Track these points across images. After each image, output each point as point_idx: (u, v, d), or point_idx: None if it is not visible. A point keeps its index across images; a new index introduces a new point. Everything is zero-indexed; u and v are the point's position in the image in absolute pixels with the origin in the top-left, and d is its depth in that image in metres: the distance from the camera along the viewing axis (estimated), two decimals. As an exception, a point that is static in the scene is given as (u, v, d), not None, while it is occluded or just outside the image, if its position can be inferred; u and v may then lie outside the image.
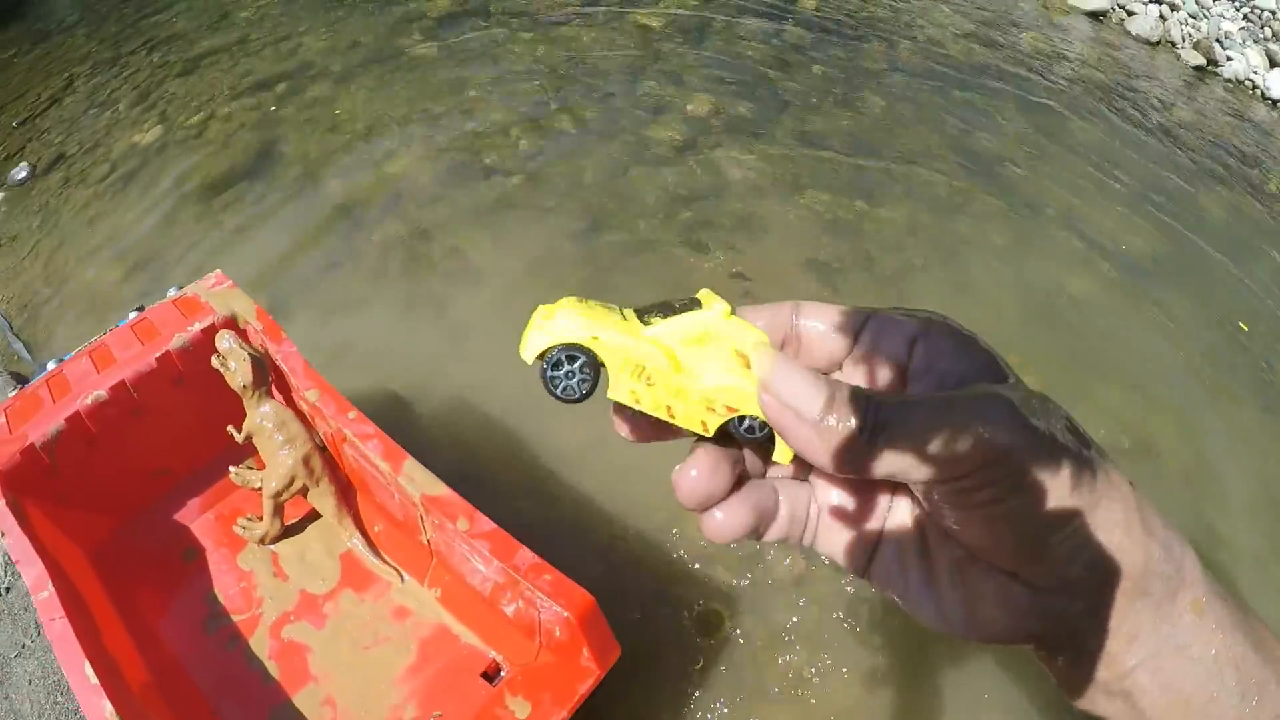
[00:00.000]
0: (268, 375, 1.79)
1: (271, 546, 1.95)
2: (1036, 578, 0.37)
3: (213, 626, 1.79)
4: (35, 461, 1.68)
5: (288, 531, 1.97)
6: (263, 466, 1.91)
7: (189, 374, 1.83)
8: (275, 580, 1.89)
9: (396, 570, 1.86)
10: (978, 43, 5.03)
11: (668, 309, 0.43)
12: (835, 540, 0.45)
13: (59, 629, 1.41)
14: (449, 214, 3.77)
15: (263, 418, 1.78)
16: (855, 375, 0.43)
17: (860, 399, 0.37)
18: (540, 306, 0.44)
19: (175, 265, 3.59)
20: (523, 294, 3.22)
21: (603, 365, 0.42)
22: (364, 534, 1.91)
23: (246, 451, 1.96)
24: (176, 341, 1.79)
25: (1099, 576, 0.35)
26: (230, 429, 1.85)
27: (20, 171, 4.33)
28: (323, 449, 1.90)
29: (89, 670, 1.34)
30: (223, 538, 1.97)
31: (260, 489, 1.86)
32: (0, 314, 3.61)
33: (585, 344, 0.41)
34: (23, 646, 2.45)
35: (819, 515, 0.44)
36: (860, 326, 0.43)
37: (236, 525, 1.94)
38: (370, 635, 1.77)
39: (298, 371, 1.85)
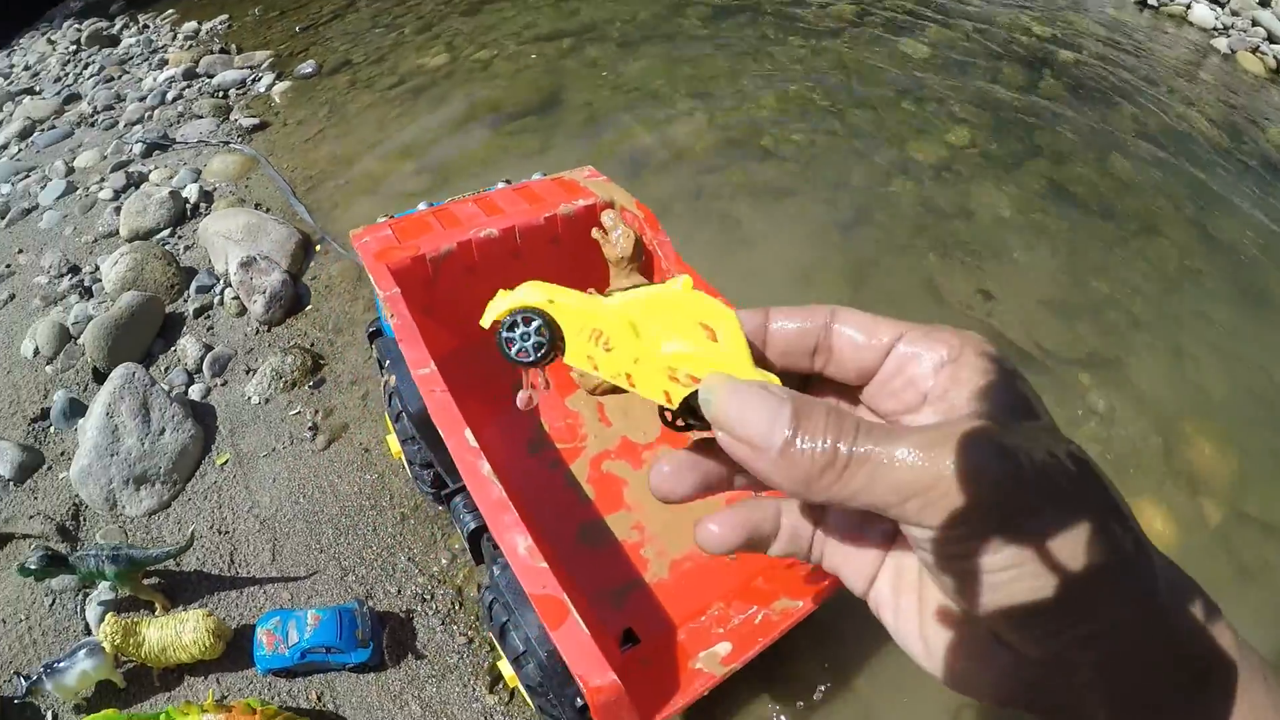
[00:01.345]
0: (642, 254, 1.95)
1: (599, 398, 2.02)
2: (1024, 648, 0.33)
3: (536, 449, 1.91)
4: (420, 270, 1.87)
5: (617, 389, 2.00)
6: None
7: (566, 238, 2.00)
8: (599, 424, 2.02)
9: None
10: (1225, 129, 5.00)
11: (631, 288, 0.44)
12: (838, 559, 0.43)
13: (439, 400, 1.51)
14: (724, 183, 3.78)
15: (629, 289, 1.87)
16: (878, 395, 0.41)
17: (829, 429, 0.33)
18: (501, 290, 0.45)
19: (463, 173, 3.63)
20: (787, 265, 3.28)
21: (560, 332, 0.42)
22: None
23: None
24: (563, 209, 1.95)
25: (1106, 660, 0.31)
26: (591, 291, 1.93)
27: (306, 67, 4.45)
28: None
29: (469, 434, 1.43)
30: (551, 380, 2.04)
31: None
32: (285, 180, 3.66)
33: (541, 306, 0.43)
34: (272, 450, 2.61)
35: (821, 533, 0.43)
36: (895, 341, 0.39)
37: (573, 371, 1.97)
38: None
39: (669, 257, 1.97)
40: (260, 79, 4.49)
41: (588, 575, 1.92)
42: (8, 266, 3.47)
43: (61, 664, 2.10)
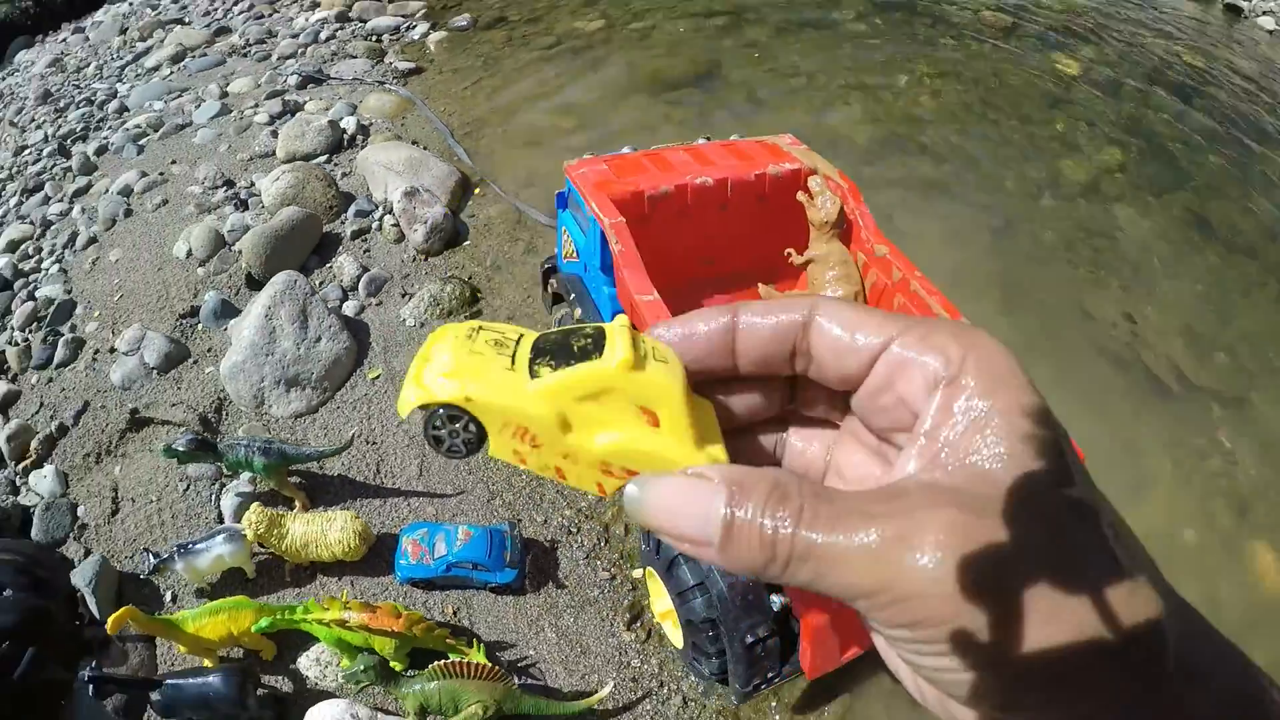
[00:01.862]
0: (844, 222, 1.98)
1: None
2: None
3: None
4: (638, 206, 1.90)
5: None
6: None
7: (771, 197, 2.05)
8: None
9: None
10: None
11: (564, 353, 0.37)
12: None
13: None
14: (881, 175, 3.68)
15: (828, 252, 1.98)
16: (867, 407, 0.34)
17: (768, 512, 0.28)
18: (433, 334, 0.40)
19: (625, 135, 3.54)
20: (937, 263, 3.14)
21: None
22: None
23: (778, 274, 2.15)
24: (771, 169, 2.01)
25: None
26: (789, 252, 2.05)
27: (460, 20, 4.46)
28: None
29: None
30: None
31: None
32: (442, 123, 3.62)
33: (459, 404, 0.36)
34: None
35: None
36: (886, 344, 0.32)
37: None
38: None
39: (869, 228, 1.98)
40: (414, 27, 4.51)
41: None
42: (161, 174, 3.47)
43: (198, 545, 2.00)
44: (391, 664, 1.85)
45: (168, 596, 2.12)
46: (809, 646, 1.40)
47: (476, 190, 3.17)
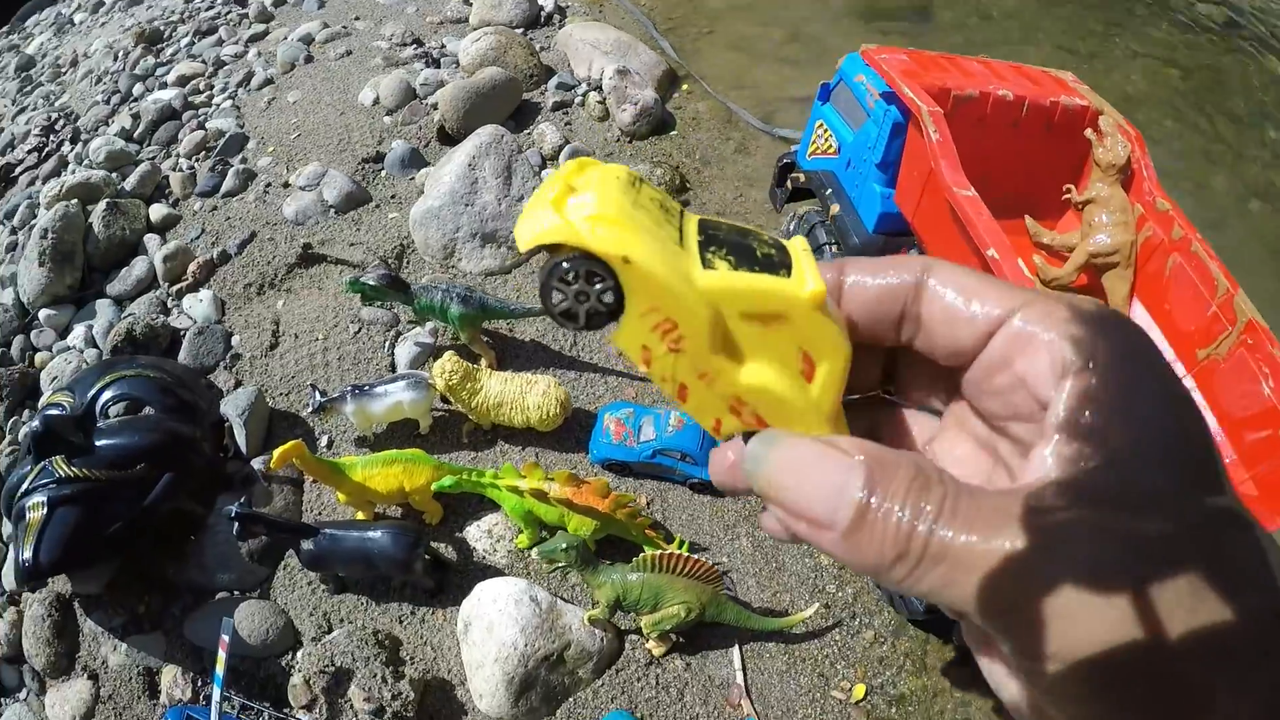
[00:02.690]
0: (1129, 168, 1.89)
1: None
2: None
3: None
4: (942, 104, 1.77)
5: (1069, 289, 1.94)
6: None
7: (1058, 128, 1.95)
8: None
9: None
10: None
11: (745, 253, 0.29)
12: None
13: (987, 224, 1.52)
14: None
15: (1109, 196, 1.88)
16: (979, 388, 0.29)
17: (908, 503, 0.23)
18: (578, 161, 0.29)
19: (831, 51, 3.21)
20: None
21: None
22: None
23: (1042, 209, 2.02)
24: (1065, 100, 1.92)
25: None
26: (1069, 188, 1.96)
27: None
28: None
29: (1022, 264, 1.43)
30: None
31: (1047, 244, 1.95)
32: (645, 15, 3.34)
33: (613, 262, 0.26)
34: None
35: None
36: (1006, 316, 0.27)
37: (1035, 258, 1.95)
38: None
39: (1152, 180, 1.89)
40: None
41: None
42: (344, 28, 3.26)
43: (377, 389, 1.73)
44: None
45: (323, 441, 1.85)
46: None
47: (685, 87, 2.87)
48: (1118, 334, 0.26)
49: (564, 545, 1.45)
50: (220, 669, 1.40)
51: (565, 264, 0.27)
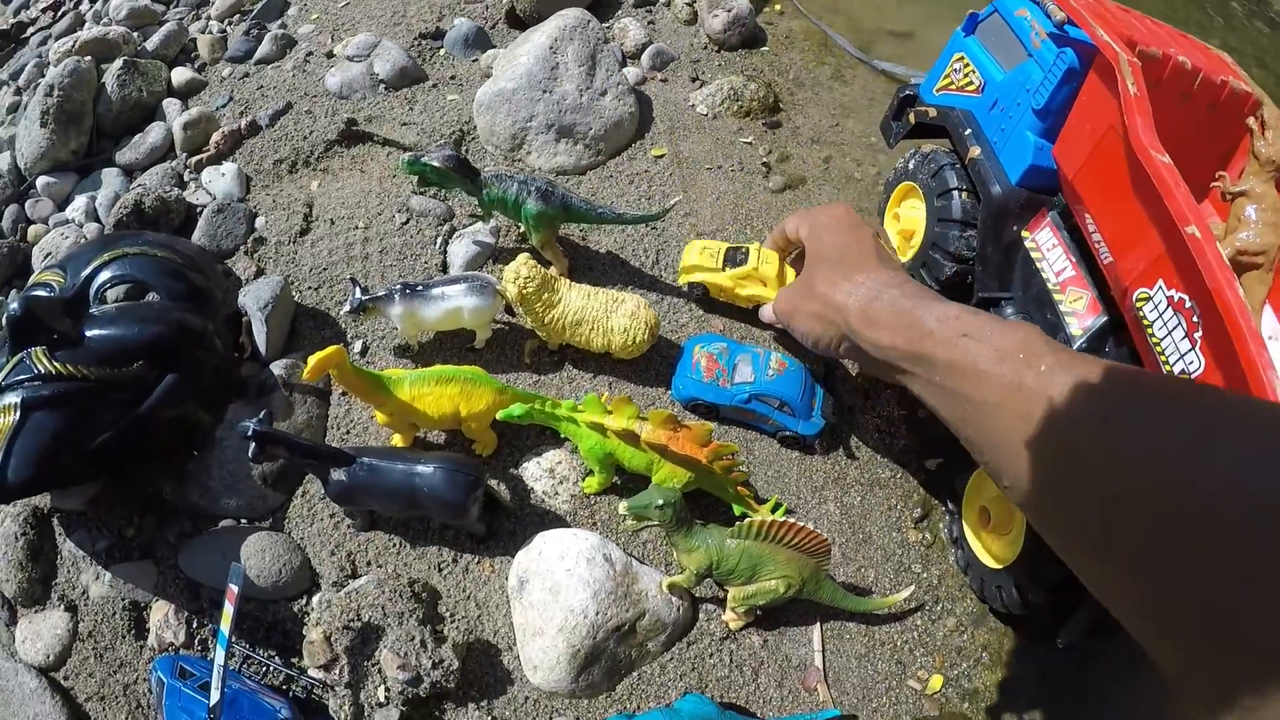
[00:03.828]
0: None
1: None
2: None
3: None
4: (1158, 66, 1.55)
5: None
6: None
7: (1222, 109, 1.69)
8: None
9: None
10: None
11: (736, 257, 1.57)
12: None
13: (1186, 196, 1.24)
14: None
15: (1263, 193, 1.63)
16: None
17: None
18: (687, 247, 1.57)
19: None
20: None
21: None
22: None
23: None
24: (1234, 83, 1.68)
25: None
26: (1222, 175, 1.70)
27: None
28: None
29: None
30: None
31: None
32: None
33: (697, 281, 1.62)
34: (718, 166, 2.01)
35: None
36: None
37: None
38: None
39: None
40: None
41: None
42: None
43: (433, 290, 1.42)
44: None
45: (357, 346, 1.56)
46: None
47: (776, 6, 2.52)
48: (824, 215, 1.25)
49: (660, 501, 1.16)
50: (226, 625, 1.12)
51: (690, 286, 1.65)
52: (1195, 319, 1.31)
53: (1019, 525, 1.38)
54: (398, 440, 1.41)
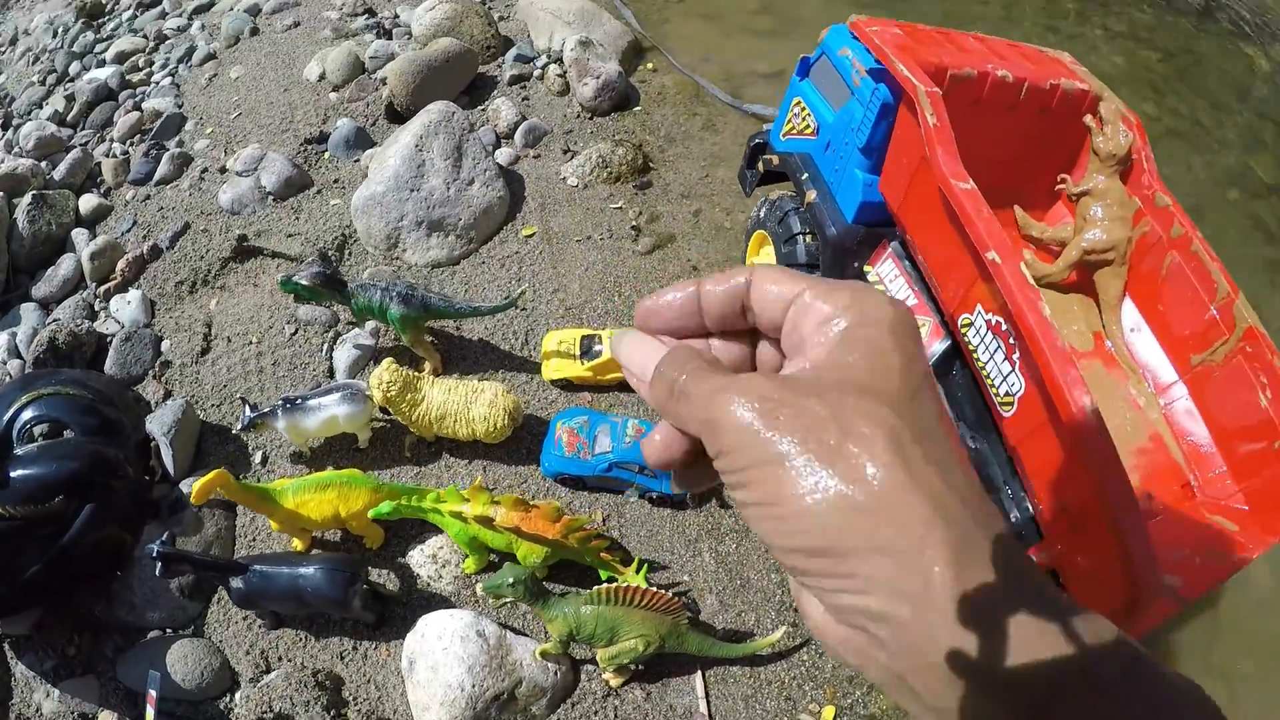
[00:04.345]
0: (1130, 159, 1.78)
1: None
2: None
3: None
4: (937, 83, 1.62)
5: (1058, 287, 1.87)
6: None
7: (1055, 113, 1.83)
8: None
9: (1135, 371, 1.81)
10: None
11: (589, 346, 1.75)
12: None
13: (986, 219, 1.39)
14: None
15: (1107, 188, 1.78)
16: (786, 344, 0.41)
17: (676, 366, 0.39)
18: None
19: (807, 20, 3.05)
20: None
21: None
22: (1120, 327, 1.85)
23: (1032, 199, 1.92)
24: (1066, 84, 1.80)
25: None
26: (1064, 179, 1.85)
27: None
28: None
29: (1024, 266, 1.31)
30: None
31: (1036, 236, 1.84)
32: (614, -15, 3.13)
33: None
34: (588, 237, 2.14)
35: None
36: (798, 294, 0.39)
37: (1025, 252, 1.87)
38: (1109, 405, 1.69)
39: (1153, 172, 1.78)
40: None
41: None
42: (294, -2, 3.05)
43: (309, 402, 1.56)
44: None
45: (257, 458, 1.70)
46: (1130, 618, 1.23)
47: (649, 65, 2.67)
48: (870, 310, 0.37)
49: (510, 580, 1.30)
50: (149, 728, 1.26)
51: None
52: (1011, 341, 1.45)
53: None
54: (296, 544, 1.55)
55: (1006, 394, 1.35)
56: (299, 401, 1.57)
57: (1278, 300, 2.83)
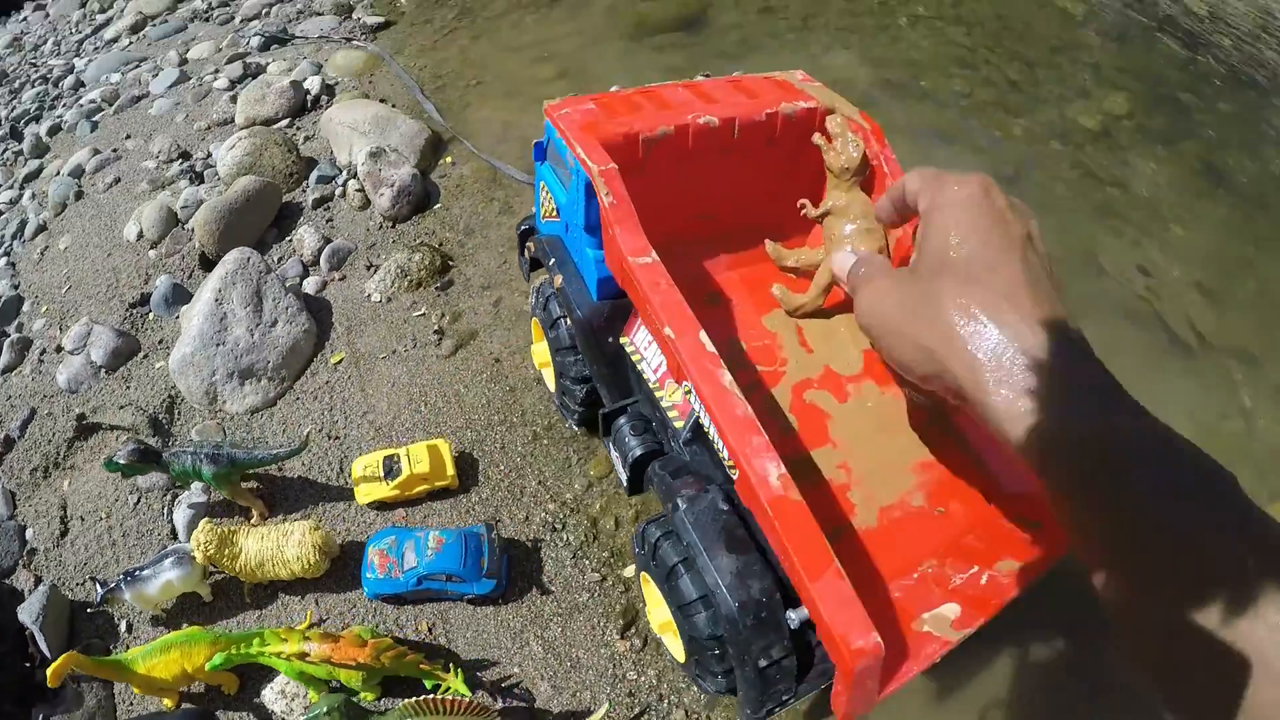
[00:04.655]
0: (867, 168, 1.73)
1: (798, 321, 1.78)
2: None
3: (733, 369, 1.48)
4: (631, 151, 1.63)
5: (820, 313, 1.81)
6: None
7: (782, 140, 1.79)
8: (800, 349, 1.76)
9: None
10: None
11: (393, 467, 1.85)
12: None
13: (667, 295, 1.37)
14: (883, 123, 3.40)
15: (848, 202, 1.72)
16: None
17: (857, 267, 0.81)
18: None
19: (604, 81, 3.25)
20: None
21: None
22: None
23: (789, 229, 1.89)
24: (784, 108, 1.75)
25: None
26: (804, 203, 1.76)
27: (433, -33, 4.09)
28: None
29: (704, 337, 1.30)
30: (748, 296, 1.83)
31: (793, 266, 1.79)
32: (411, 77, 3.31)
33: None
34: (393, 351, 2.29)
35: None
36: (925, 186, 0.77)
37: (775, 288, 1.81)
38: (892, 423, 1.61)
39: (895, 175, 1.76)
40: (385, -21, 4.15)
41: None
42: (114, 151, 3.21)
43: (144, 572, 1.77)
44: (362, 695, 1.63)
45: (122, 626, 1.90)
46: (844, 690, 1.11)
47: (448, 159, 2.86)
48: (961, 191, 0.71)
49: (325, 709, 1.51)
50: None
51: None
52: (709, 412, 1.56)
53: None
54: (166, 703, 1.75)
55: (727, 459, 1.29)
56: (136, 573, 1.78)
57: (1113, 244, 3.02)
